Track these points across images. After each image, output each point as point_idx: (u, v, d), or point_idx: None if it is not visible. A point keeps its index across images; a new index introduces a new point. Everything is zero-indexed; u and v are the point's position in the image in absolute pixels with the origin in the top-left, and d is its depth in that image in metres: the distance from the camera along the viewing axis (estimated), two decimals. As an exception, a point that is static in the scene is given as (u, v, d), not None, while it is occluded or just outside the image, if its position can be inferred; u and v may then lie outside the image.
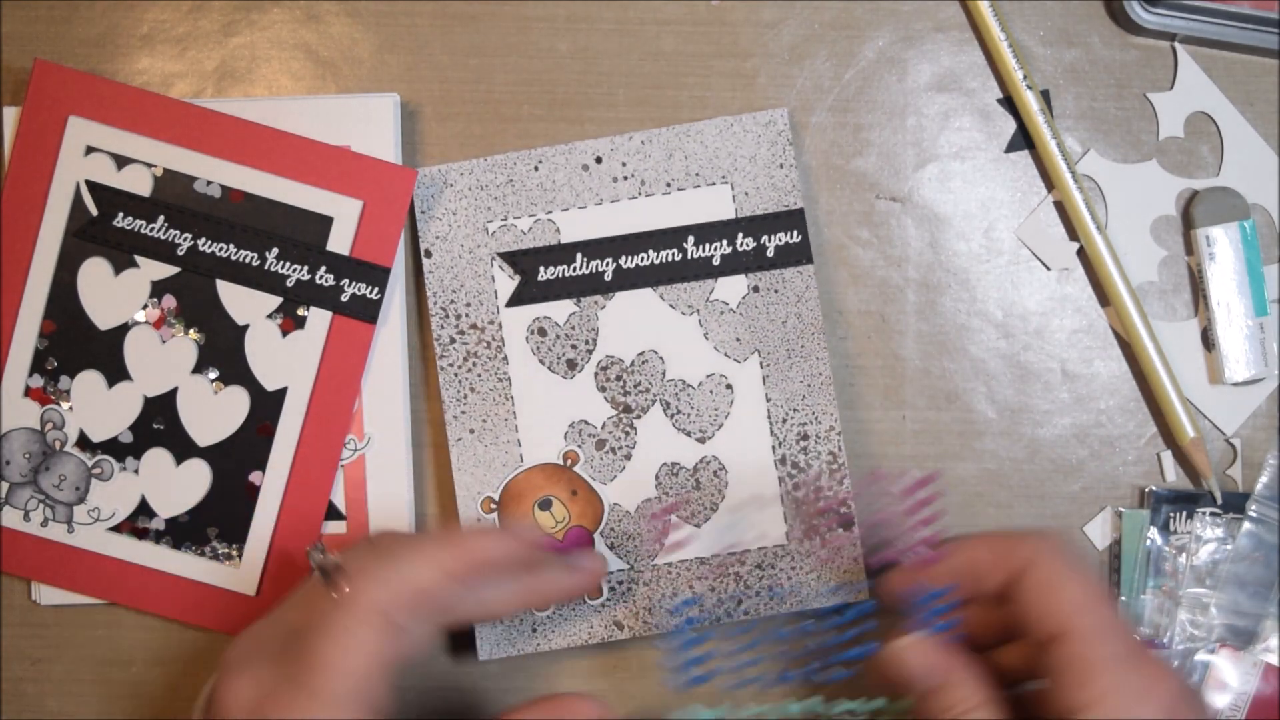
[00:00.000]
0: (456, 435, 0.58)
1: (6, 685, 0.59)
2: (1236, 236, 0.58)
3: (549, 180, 0.58)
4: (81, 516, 0.58)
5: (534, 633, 0.57)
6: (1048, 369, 0.59)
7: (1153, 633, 0.57)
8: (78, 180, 0.57)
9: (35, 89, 0.57)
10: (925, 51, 0.59)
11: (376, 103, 0.58)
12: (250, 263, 0.57)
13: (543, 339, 0.58)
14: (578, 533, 0.57)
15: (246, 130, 0.57)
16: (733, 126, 0.58)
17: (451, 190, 0.58)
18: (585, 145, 0.58)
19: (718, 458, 0.58)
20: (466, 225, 0.58)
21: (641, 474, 0.58)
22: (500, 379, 0.58)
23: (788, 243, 0.57)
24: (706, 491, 0.57)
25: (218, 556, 0.58)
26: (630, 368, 0.58)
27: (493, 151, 0.59)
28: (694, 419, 0.58)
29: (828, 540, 0.57)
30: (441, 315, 0.58)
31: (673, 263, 0.58)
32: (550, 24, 0.59)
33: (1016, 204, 0.59)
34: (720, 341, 0.58)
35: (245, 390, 0.58)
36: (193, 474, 0.58)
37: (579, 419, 0.58)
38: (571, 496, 0.57)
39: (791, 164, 0.58)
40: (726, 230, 0.57)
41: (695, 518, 0.57)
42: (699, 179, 0.58)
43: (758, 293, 0.58)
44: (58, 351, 0.58)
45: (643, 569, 0.57)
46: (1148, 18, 0.58)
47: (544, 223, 0.58)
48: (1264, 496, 0.57)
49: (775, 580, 0.57)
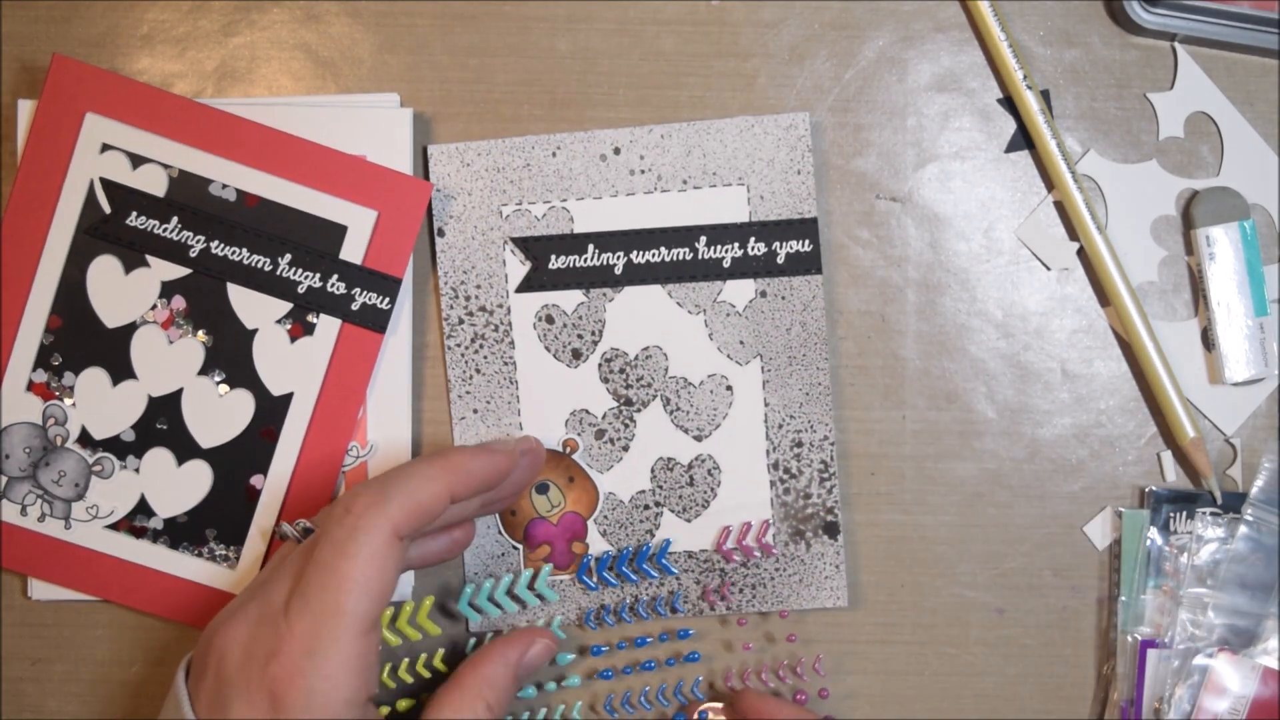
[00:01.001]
0: (460, 414, 0.58)
1: (6, 685, 0.59)
2: (1236, 236, 0.58)
3: (566, 168, 0.58)
4: (79, 513, 0.58)
5: (524, 608, 0.58)
6: (1048, 369, 0.59)
7: (1153, 632, 0.57)
8: (92, 177, 0.57)
9: (53, 84, 0.57)
10: (925, 51, 0.59)
11: (391, 113, 0.58)
12: (262, 267, 0.57)
13: (550, 326, 0.58)
14: (572, 518, 0.58)
15: (264, 135, 0.57)
16: (754, 127, 0.58)
17: (468, 170, 0.58)
18: (605, 134, 0.58)
19: (713, 457, 0.58)
20: (481, 207, 0.58)
21: (638, 466, 0.58)
22: (506, 362, 0.58)
23: (799, 251, 0.58)
24: (699, 489, 0.58)
25: (215, 558, 0.58)
26: (634, 361, 0.58)
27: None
28: (693, 417, 0.58)
29: (812, 545, 0.57)
30: (451, 295, 0.58)
31: (683, 261, 0.58)
32: (550, 24, 0.59)
33: (1016, 204, 0.59)
34: (724, 343, 0.58)
35: (251, 394, 0.58)
36: (194, 475, 0.58)
37: (580, 408, 0.58)
38: (568, 483, 0.58)
39: (809, 170, 0.58)
40: (739, 234, 0.58)
41: (687, 513, 0.58)
42: (715, 178, 0.58)
43: (765, 298, 0.58)
44: (63, 347, 0.58)
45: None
46: (1148, 18, 0.58)
47: (558, 210, 0.58)
48: (1260, 500, 0.57)
49: (759, 579, 0.58)
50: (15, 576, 0.59)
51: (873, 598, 0.59)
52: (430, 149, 0.58)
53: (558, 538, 0.58)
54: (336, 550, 0.47)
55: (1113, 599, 0.58)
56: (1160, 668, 0.57)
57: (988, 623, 0.59)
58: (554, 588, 0.58)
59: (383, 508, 0.48)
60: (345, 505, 0.48)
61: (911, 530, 0.59)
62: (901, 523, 0.59)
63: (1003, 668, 0.59)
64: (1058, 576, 0.59)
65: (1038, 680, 0.59)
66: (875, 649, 0.59)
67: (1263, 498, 0.57)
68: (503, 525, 0.58)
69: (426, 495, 0.49)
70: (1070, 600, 0.59)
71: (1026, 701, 0.59)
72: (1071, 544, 0.59)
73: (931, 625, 0.59)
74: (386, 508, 0.48)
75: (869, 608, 0.59)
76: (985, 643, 0.59)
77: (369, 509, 0.47)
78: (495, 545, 0.58)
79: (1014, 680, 0.59)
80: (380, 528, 0.47)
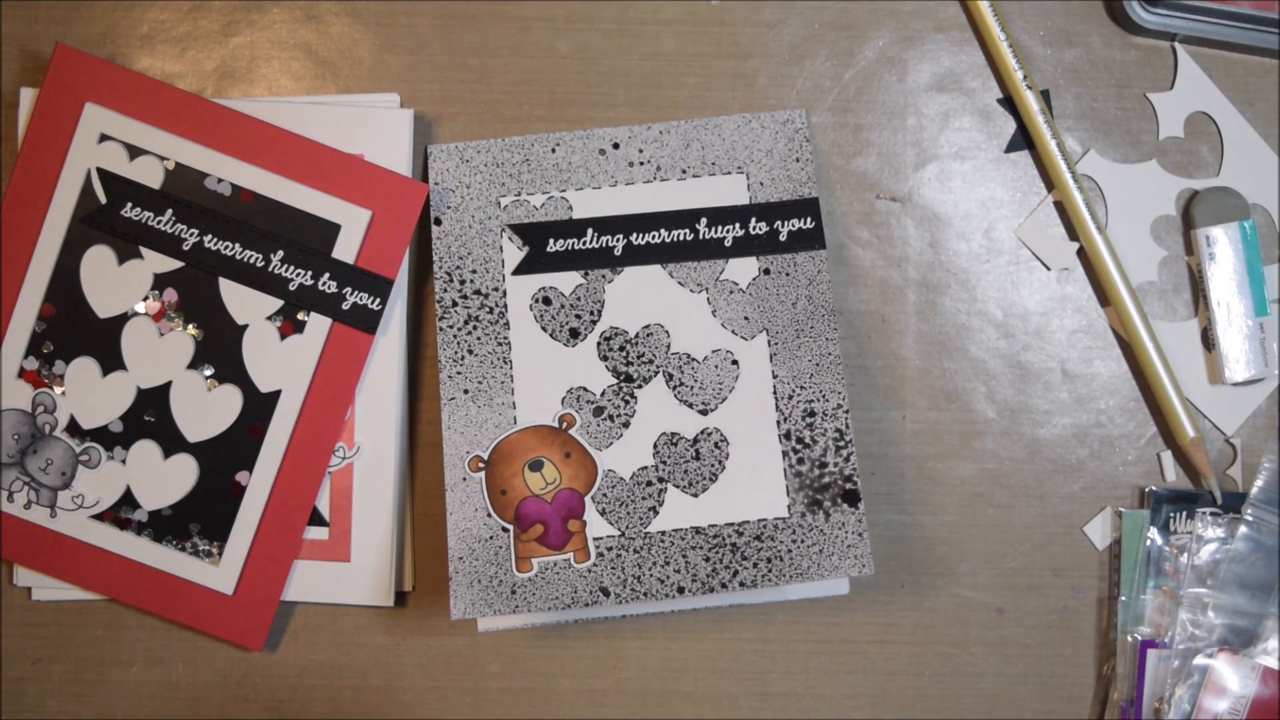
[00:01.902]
0: (449, 394, 0.57)
1: (6, 685, 0.59)
2: (1236, 236, 0.58)
3: (565, 161, 0.58)
4: (65, 502, 0.58)
5: (513, 594, 0.56)
6: (1048, 369, 0.59)
7: (1153, 632, 0.57)
8: (89, 167, 0.57)
9: (55, 73, 0.57)
10: (925, 51, 0.59)
11: (392, 114, 0.58)
12: (254, 263, 0.57)
13: (547, 307, 0.58)
14: (567, 495, 0.57)
15: (261, 131, 0.57)
16: (751, 123, 0.58)
17: (467, 166, 0.58)
18: (603, 132, 0.58)
19: (719, 429, 0.57)
20: (479, 199, 0.58)
21: (640, 442, 0.57)
22: (500, 343, 0.58)
23: (801, 229, 0.57)
24: (706, 462, 0.57)
25: (198, 553, 0.58)
26: (634, 339, 0.58)
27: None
28: (697, 391, 0.58)
29: (831, 515, 0.57)
30: (445, 279, 0.58)
31: (684, 242, 0.58)
32: (550, 24, 0.59)
33: (1016, 204, 0.59)
34: (728, 319, 0.58)
35: (239, 390, 0.58)
36: (180, 469, 0.58)
37: (578, 385, 0.58)
38: (565, 459, 0.57)
39: (808, 159, 0.58)
40: (740, 214, 0.58)
41: (693, 487, 0.57)
42: (714, 168, 0.58)
43: (769, 275, 0.58)
44: (55, 335, 0.58)
45: (634, 536, 0.57)
46: (1148, 18, 0.58)
47: (557, 200, 0.58)
48: (1259, 500, 0.57)
49: (774, 552, 0.57)
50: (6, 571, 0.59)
51: (872, 598, 0.59)
52: (430, 148, 0.58)
53: (552, 516, 0.57)
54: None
55: (1113, 599, 0.58)
56: (1160, 668, 0.57)
57: (987, 623, 0.59)
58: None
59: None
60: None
61: (911, 530, 0.59)
62: (901, 523, 0.59)
63: (1002, 668, 0.59)
64: (1058, 576, 0.59)
65: (1038, 680, 0.59)
66: (874, 649, 0.59)
67: (1263, 498, 0.57)
68: (492, 505, 0.57)
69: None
70: (1070, 600, 0.59)
71: (1026, 701, 0.59)
72: (1071, 544, 0.59)
73: (931, 625, 0.59)
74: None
75: (868, 608, 0.59)
76: (985, 643, 0.59)
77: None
78: (483, 528, 0.57)
79: (1014, 680, 0.59)
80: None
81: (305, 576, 0.58)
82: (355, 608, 0.59)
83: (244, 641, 0.58)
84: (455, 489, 0.57)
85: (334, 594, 0.58)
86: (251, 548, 0.58)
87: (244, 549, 0.58)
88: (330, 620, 0.59)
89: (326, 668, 0.59)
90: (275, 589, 0.58)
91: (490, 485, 0.57)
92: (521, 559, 0.56)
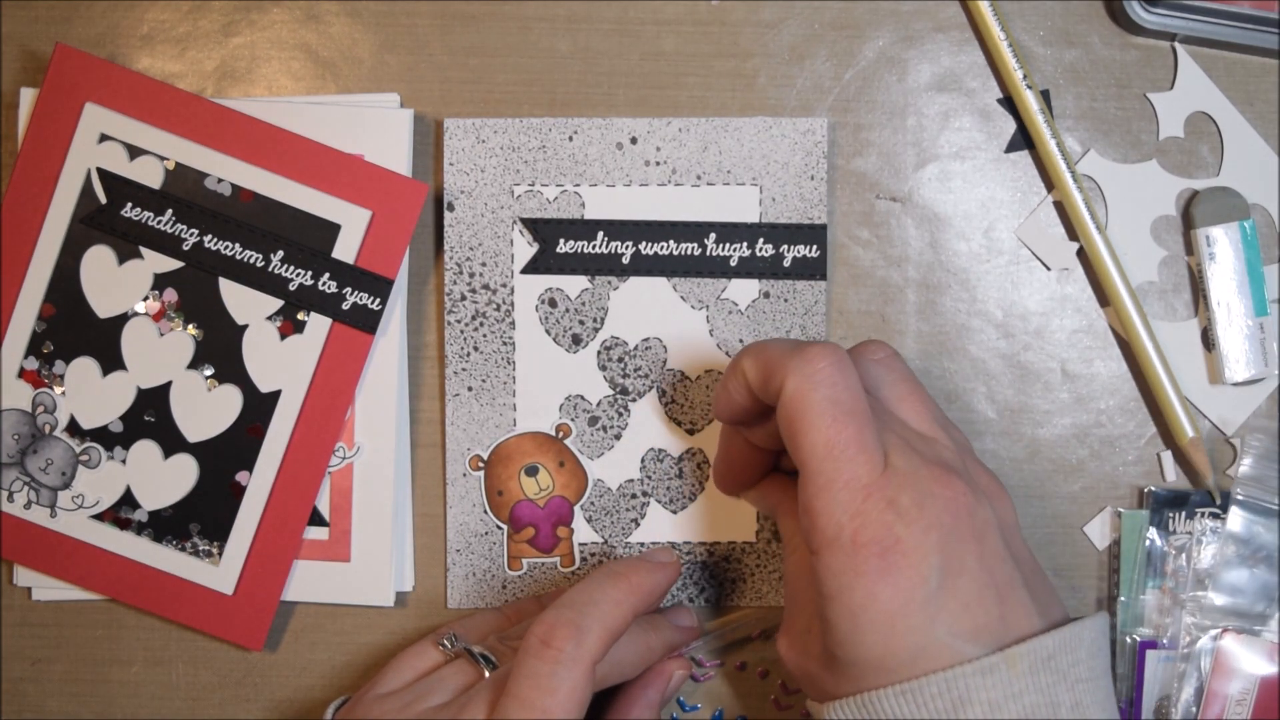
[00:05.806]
0: (454, 390, 0.58)
1: (6, 685, 0.59)
2: (1236, 236, 0.58)
3: (581, 153, 0.58)
4: (65, 502, 0.58)
5: (504, 589, 0.58)
6: (1048, 369, 0.59)
7: (1152, 633, 0.57)
8: (89, 167, 0.57)
9: (54, 72, 0.57)
10: (925, 51, 0.59)
11: (392, 114, 0.58)
12: (254, 263, 0.57)
13: (552, 310, 0.58)
14: (559, 502, 0.58)
15: (261, 131, 0.57)
16: (771, 129, 0.58)
17: (483, 146, 0.58)
18: (622, 123, 0.58)
19: (703, 451, 0.58)
20: (493, 185, 0.58)
21: (629, 455, 0.58)
22: (505, 342, 0.58)
23: (805, 256, 0.58)
24: (687, 482, 0.58)
25: (198, 553, 0.58)
26: (633, 351, 0.58)
27: (493, 151, 0.59)
28: (687, 410, 0.58)
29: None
30: (455, 270, 0.58)
31: (691, 256, 0.58)
32: (550, 24, 0.59)
33: (1016, 204, 0.59)
34: (724, 340, 0.58)
35: (239, 390, 0.58)
36: (180, 469, 0.58)
37: (576, 393, 0.58)
38: (558, 467, 0.58)
39: (822, 177, 0.58)
40: (749, 234, 0.58)
41: (674, 504, 0.58)
42: (729, 176, 0.58)
43: (768, 299, 0.58)
44: (55, 335, 0.58)
45: (615, 544, 0.58)
46: (1148, 18, 0.58)
47: (570, 194, 0.58)
48: (1248, 478, 0.57)
49: (739, 574, 0.58)
50: (8, 570, 0.59)
51: (872, 598, 0.59)
52: (446, 122, 0.58)
53: (543, 521, 0.58)
54: (539, 687, 0.46)
55: (1112, 599, 0.58)
56: (1160, 668, 0.57)
57: (987, 623, 0.59)
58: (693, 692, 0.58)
59: (582, 640, 0.47)
60: (542, 638, 0.47)
61: (911, 530, 0.59)
62: (901, 523, 0.59)
63: (1002, 668, 0.59)
64: (1058, 576, 0.59)
65: (1037, 680, 0.59)
66: (875, 649, 0.59)
67: (1252, 474, 0.57)
68: (489, 504, 0.58)
69: (619, 622, 0.49)
70: (1070, 600, 0.59)
71: (1026, 701, 0.59)
72: (1071, 544, 0.59)
73: (931, 625, 0.59)
74: (585, 640, 0.47)
75: (869, 608, 0.59)
76: (985, 643, 0.59)
77: (568, 641, 0.47)
78: (479, 524, 0.58)
79: (1014, 680, 0.59)
80: (580, 660, 0.47)
81: (305, 576, 0.58)
82: (355, 608, 0.59)
83: (244, 642, 0.58)
84: (456, 484, 0.58)
85: (334, 594, 0.58)
86: (251, 548, 0.58)
87: (244, 549, 0.58)
88: (330, 620, 0.59)
89: (326, 668, 0.59)
90: (275, 589, 0.58)
91: (488, 485, 0.58)
92: (513, 558, 0.58)
